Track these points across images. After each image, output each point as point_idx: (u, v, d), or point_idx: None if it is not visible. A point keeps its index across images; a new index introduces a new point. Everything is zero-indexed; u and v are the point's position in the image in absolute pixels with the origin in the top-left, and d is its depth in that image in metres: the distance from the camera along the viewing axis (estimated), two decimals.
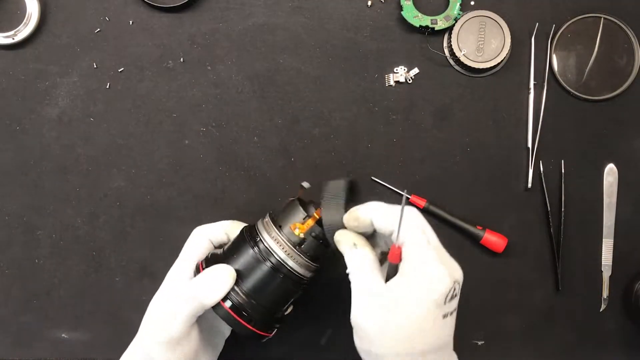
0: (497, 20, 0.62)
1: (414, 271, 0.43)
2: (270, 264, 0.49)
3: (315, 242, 0.50)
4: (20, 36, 0.62)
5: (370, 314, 0.44)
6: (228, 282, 0.48)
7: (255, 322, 0.50)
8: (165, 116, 0.63)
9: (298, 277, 0.50)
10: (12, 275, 0.63)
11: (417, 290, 0.42)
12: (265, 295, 0.50)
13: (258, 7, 0.63)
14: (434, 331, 0.43)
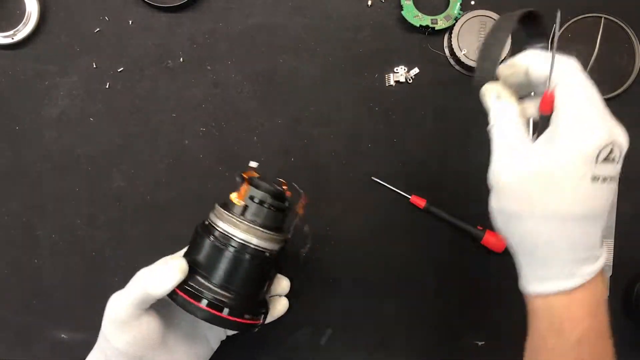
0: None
1: (564, 121, 0.39)
2: (232, 248, 0.47)
3: (260, 208, 0.48)
4: (19, 36, 0.62)
5: (510, 170, 0.40)
6: (176, 275, 0.46)
7: (238, 312, 0.47)
8: (165, 116, 0.63)
9: (262, 252, 0.49)
10: (12, 275, 0.63)
11: (564, 140, 0.39)
12: (238, 281, 0.48)
13: (258, 7, 0.63)
14: (577, 193, 0.39)
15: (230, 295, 0.47)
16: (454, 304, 0.64)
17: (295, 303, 0.64)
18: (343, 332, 0.64)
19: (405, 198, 0.63)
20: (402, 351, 0.65)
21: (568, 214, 0.39)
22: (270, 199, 0.49)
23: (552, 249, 0.40)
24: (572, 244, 0.40)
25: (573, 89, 0.41)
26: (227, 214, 0.48)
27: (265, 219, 0.49)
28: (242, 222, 0.48)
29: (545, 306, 0.42)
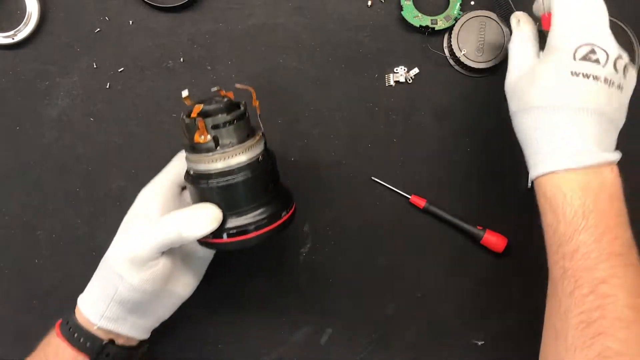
0: (497, 20, 0.62)
1: (551, 29, 0.47)
2: (234, 177, 0.47)
3: (226, 130, 0.47)
4: (20, 36, 0.62)
5: (511, 76, 0.51)
6: (213, 222, 0.47)
7: (277, 216, 0.49)
8: (165, 116, 0.63)
9: (256, 160, 0.48)
10: (12, 275, 0.63)
11: (549, 42, 0.47)
12: (257, 195, 0.48)
13: (258, 7, 0.63)
14: (556, 84, 0.45)
15: (262, 209, 0.48)
16: (454, 304, 0.64)
17: (296, 303, 0.64)
18: (343, 332, 0.64)
19: (405, 198, 0.63)
20: (402, 351, 0.65)
21: (549, 104, 0.45)
22: (227, 116, 0.47)
23: (543, 136, 0.46)
24: (560, 133, 0.45)
25: (564, 10, 0.47)
26: (206, 155, 0.47)
27: (238, 134, 0.48)
28: (224, 152, 0.47)
29: (539, 189, 0.48)
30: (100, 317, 0.50)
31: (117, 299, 0.49)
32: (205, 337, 0.64)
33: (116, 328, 0.50)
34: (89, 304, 0.50)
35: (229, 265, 0.64)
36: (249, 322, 0.64)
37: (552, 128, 0.46)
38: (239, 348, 0.64)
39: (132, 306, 0.50)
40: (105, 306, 0.49)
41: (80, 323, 0.50)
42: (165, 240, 0.48)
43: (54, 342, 0.50)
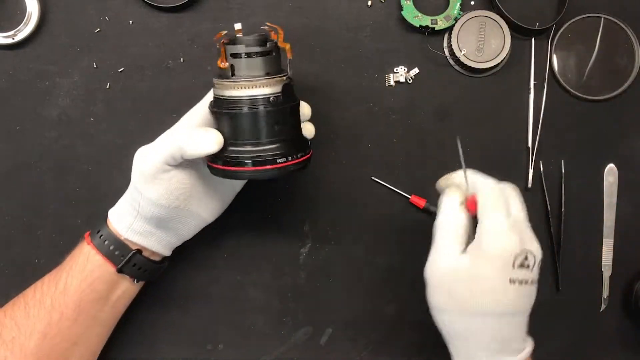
0: (497, 20, 0.62)
1: (485, 232, 0.46)
2: (241, 108, 0.49)
3: (242, 61, 0.49)
4: (20, 36, 0.62)
5: (438, 266, 0.48)
6: (213, 144, 0.49)
7: (293, 154, 0.50)
8: (165, 116, 0.63)
9: (266, 98, 0.49)
10: (12, 275, 0.63)
11: (486, 248, 0.46)
12: (250, 133, 0.49)
13: (258, 7, 0.63)
14: (496, 294, 0.46)
15: (265, 147, 0.49)
16: None
17: (296, 303, 0.64)
18: (343, 332, 0.64)
19: (405, 198, 0.63)
20: (402, 351, 0.65)
21: (488, 312, 0.46)
22: (247, 48, 0.49)
23: (474, 341, 0.47)
24: (492, 338, 0.46)
25: (495, 202, 0.48)
26: (219, 81, 0.50)
27: (256, 68, 0.49)
28: (236, 81, 0.49)
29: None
30: (128, 229, 0.53)
31: (141, 214, 0.52)
32: (205, 337, 0.64)
33: (142, 241, 0.53)
34: (118, 216, 0.54)
35: (229, 265, 0.64)
36: (249, 322, 0.64)
37: (490, 335, 0.47)
38: (239, 348, 0.64)
39: (156, 222, 0.53)
40: (133, 219, 0.53)
41: (113, 232, 0.53)
42: (166, 153, 0.49)
43: (84, 251, 0.54)
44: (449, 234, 0.48)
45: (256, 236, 0.64)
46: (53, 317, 0.52)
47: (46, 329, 0.52)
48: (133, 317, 0.62)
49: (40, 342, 0.52)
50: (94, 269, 0.53)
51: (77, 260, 0.54)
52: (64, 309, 0.53)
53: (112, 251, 0.53)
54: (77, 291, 0.53)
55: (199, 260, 0.63)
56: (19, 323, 0.52)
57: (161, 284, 0.63)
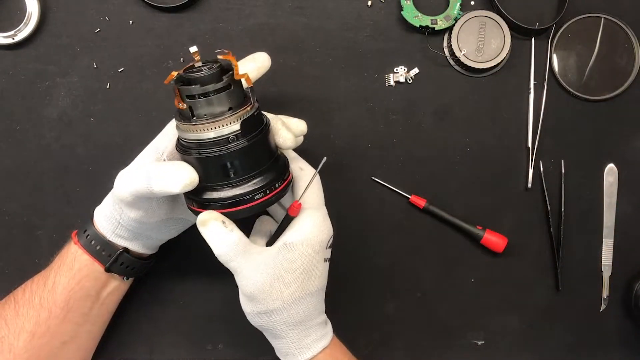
0: (497, 20, 0.62)
1: (310, 223, 0.50)
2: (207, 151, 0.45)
3: (200, 102, 0.45)
4: (20, 36, 0.62)
5: (255, 278, 0.49)
6: (185, 181, 0.45)
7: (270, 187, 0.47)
8: (165, 116, 0.63)
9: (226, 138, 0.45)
10: (12, 275, 0.63)
11: (308, 237, 0.49)
12: (244, 168, 0.46)
13: (258, 7, 0.63)
14: (319, 272, 0.51)
15: (253, 181, 0.47)
16: (454, 304, 0.64)
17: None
18: (343, 332, 0.64)
19: (405, 198, 0.63)
20: (402, 351, 0.65)
21: (313, 290, 0.50)
22: (202, 88, 0.45)
23: (294, 325, 0.50)
24: (310, 314, 0.51)
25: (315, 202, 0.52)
26: (179, 123, 0.46)
27: (215, 107, 0.45)
28: (195, 124, 0.45)
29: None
30: (112, 233, 0.53)
31: (123, 225, 0.52)
32: (205, 337, 0.64)
33: (127, 244, 0.54)
34: (104, 218, 0.53)
35: None
36: (249, 322, 0.64)
37: (309, 311, 0.51)
38: (239, 348, 0.64)
39: (138, 231, 0.53)
40: (115, 225, 0.53)
41: (99, 232, 0.53)
42: (138, 190, 0.47)
43: (71, 250, 0.54)
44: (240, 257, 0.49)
45: None
46: (41, 315, 0.52)
47: (35, 327, 0.52)
48: (133, 317, 0.62)
49: (29, 341, 0.52)
50: (82, 268, 0.53)
51: (65, 259, 0.54)
52: (52, 307, 0.53)
53: (99, 251, 0.53)
54: (65, 289, 0.53)
55: (199, 260, 0.63)
56: (9, 322, 0.53)
57: (161, 284, 0.63)
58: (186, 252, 0.62)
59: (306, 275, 0.49)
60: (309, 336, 0.51)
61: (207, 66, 0.47)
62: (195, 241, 0.59)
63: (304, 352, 0.51)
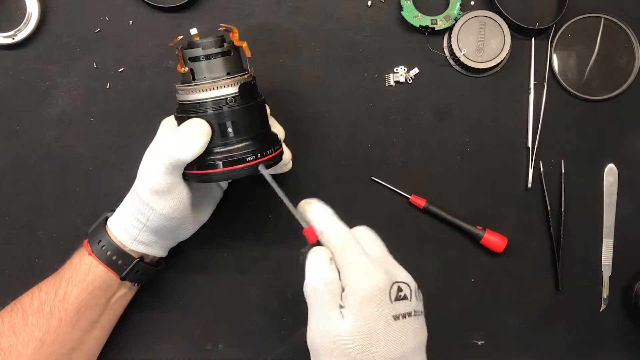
0: (497, 20, 0.62)
1: (348, 280, 0.44)
2: (205, 110, 0.49)
3: (200, 64, 0.49)
4: (20, 36, 0.62)
5: (324, 333, 0.43)
6: (202, 139, 0.48)
7: (262, 152, 0.50)
8: (165, 116, 0.63)
9: (225, 99, 0.49)
10: (12, 275, 0.64)
11: (355, 292, 0.43)
12: (238, 130, 0.49)
13: (258, 7, 0.63)
14: (385, 334, 0.42)
15: (246, 143, 0.49)
16: (454, 304, 0.64)
17: (296, 303, 0.64)
18: None
19: (405, 198, 0.63)
20: None
21: (390, 357, 0.42)
22: (203, 50, 0.49)
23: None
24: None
25: (348, 250, 0.45)
26: (181, 86, 0.50)
27: (214, 70, 0.49)
28: (196, 85, 0.49)
29: None
30: (133, 241, 0.53)
31: (149, 226, 0.52)
32: (205, 337, 0.64)
33: (146, 250, 0.54)
34: (122, 229, 0.54)
35: (229, 265, 0.64)
36: (249, 322, 0.64)
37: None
38: (239, 348, 0.64)
39: (163, 232, 0.54)
40: (138, 231, 0.53)
41: (115, 243, 0.54)
42: (168, 166, 0.49)
43: (85, 260, 0.54)
44: (325, 298, 0.44)
45: (256, 236, 0.64)
46: (52, 323, 0.52)
47: (44, 336, 0.52)
48: (133, 318, 0.62)
49: (38, 349, 0.52)
50: (96, 279, 0.53)
51: (78, 270, 0.54)
52: (62, 316, 0.53)
53: (115, 261, 0.53)
54: (77, 299, 0.53)
55: (199, 260, 0.63)
56: (17, 331, 0.52)
57: (161, 284, 0.63)
58: (186, 252, 0.62)
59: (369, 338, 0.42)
60: None
61: (209, 38, 0.51)
62: (196, 241, 0.59)
63: None
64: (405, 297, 0.44)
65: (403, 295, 0.44)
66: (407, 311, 0.43)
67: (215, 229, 0.59)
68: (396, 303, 0.43)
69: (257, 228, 0.64)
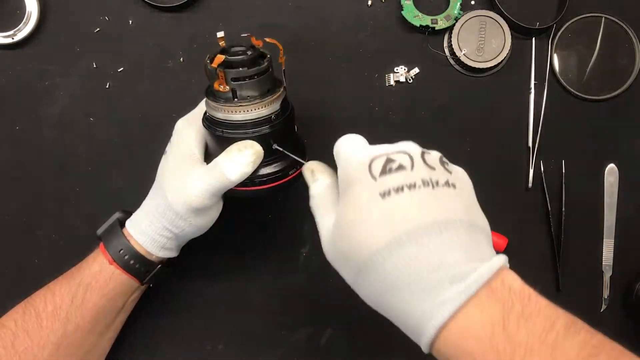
0: (498, 20, 0.62)
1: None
2: (246, 130, 0.48)
3: (245, 84, 0.47)
4: (19, 36, 0.61)
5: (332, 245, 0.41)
6: (257, 162, 0.48)
7: (290, 169, 0.50)
8: (165, 116, 0.63)
9: (268, 117, 0.49)
10: (11, 275, 0.63)
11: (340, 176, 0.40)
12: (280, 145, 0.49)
13: (258, 7, 0.63)
14: (370, 216, 0.36)
15: (275, 164, 0.50)
16: None
17: (295, 303, 0.64)
18: (343, 332, 0.64)
19: None
20: (402, 351, 0.65)
21: (386, 243, 0.35)
22: (249, 70, 0.47)
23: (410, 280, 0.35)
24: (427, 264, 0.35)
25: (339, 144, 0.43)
26: (224, 104, 0.48)
27: (259, 88, 0.49)
28: (241, 105, 0.48)
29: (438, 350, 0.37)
30: (160, 248, 0.53)
31: (181, 236, 0.52)
32: (205, 337, 0.64)
33: (169, 254, 0.54)
34: (148, 236, 0.53)
35: (229, 265, 0.64)
36: (249, 322, 0.64)
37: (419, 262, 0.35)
38: (239, 348, 0.64)
39: (191, 238, 0.54)
40: (166, 240, 0.53)
41: (139, 251, 0.53)
42: (216, 187, 0.49)
43: (106, 269, 0.53)
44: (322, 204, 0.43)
45: (256, 236, 0.64)
46: (68, 328, 0.52)
47: (60, 339, 0.52)
48: (133, 318, 0.62)
49: (54, 353, 0.52)
50: (117, 286, 0.53)
51: (98, 278, 0.53)
52: (80, 322, 0.52)
53: (138, 268, 0.53)
54: (95, 306, 0.53)
55: (199, 261, 0.63)
56: (32, 334, 0.52)
57: (161, 284, 0.63)
58: (186, 253, 0.62)
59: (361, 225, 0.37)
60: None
61: (240, 50, 0.49)
62: (196, 242, 0.59)
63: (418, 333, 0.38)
64: (401, 167, 0.37)
65: (396, 166, 0.37)
66: (401, 184, 0.36)
67: (215, 229, 0.59)
68: (383, 178, 0.36)
69: (257, 228, 0.64)
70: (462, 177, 0.41)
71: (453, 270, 0.35)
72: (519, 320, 0.33)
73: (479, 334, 0.33)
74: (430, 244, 0.35)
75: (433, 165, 0.38)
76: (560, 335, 0.33)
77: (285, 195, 0.64)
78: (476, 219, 0.38)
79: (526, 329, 0.33)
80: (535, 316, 0.34)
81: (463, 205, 0.37)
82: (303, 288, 0.64)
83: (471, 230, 0.36)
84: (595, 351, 0.34)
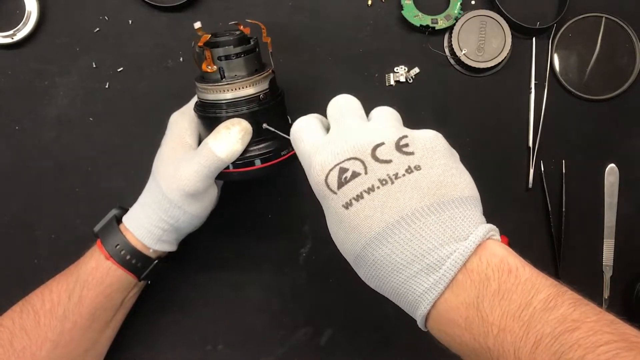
0: (498, 20, 0.61)
1: None
2: (233, 110, 0.49)
3: (231, 62, 0.49)
4: (19, 35, 0.61)
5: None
6: (246, 138, 0.49)
7: (280, 150, 0.51)
8: (165, 116, 0.63)
9: (257, 97, 0.49)
10: (11, 276, 0.63)
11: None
12: (271, 126, 0.50)
13: (258, 6, 0.63)
14: (342, 229, 0.38)
15: (266, 143, 0.50)
16: None
17: (296, 303, 0.64)
18: (343, 332, 0.64)
19: None
20: (402, 351, 0.65)
21: (367, 245, 0.37)
22: (235, 49, 0.49)
23: (391, 277, 0.36)
24: (402, 259, 0.36)
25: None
26: (213, 85, 0.49)
27: (246, 67, 0.49)
28: (231, 83, 0.49)
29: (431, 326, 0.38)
30: (157, 241, 0.53)
31: (176, 226, 0.52)
32: (205, 337, 0.64)
33: (167, 248, 0.54)
34: (144, 229, 0.53)
35: (229, 265, 0.64)
36: (249, 322, 0.64)
37: (387, 263, 0.36)
38: (239, 348, 0.64)
39: (186, 229, 0.54)
40: (163, 232, 0.53)
41: (135, 246, 0.53)
42: (209, 167, 0.49)
43: (102, 264, 0.53)
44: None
45: (256, 236, 0.64)
46: (66, 326, 0.52)
47: (58, 337, 0.52)
48: (132, 318, 0.62)
49: (52, 351, 0.52)
50: (114, 282, 0.53)
51: (95, 274, 0.53)
52: (77, 319, 0.52)
53: (135, 264, 0.53)
54: (93, 302, 0.53)
55: (199, 261, 0.63)
56: (30, 332, 0.52)
57: (161, 284, 0.63)
58: (186, 252, 0.62)
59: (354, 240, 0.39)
60: None
61: (227, 33, 0.50)
62: (196, 241, 0.59)
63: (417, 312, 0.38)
64: (355, 174, 0.37)
65: (350, 175, 0.37)
66: (359, 191, 0.37)
67: (215, 229, 0.59)
68: (342, 190, 0.37)
69: (257, 228, 0.64)
70: (429, 148, 0.40)
71: (427, 259, 0.35)
72: (494, 299, 0.34)
73: (455, 318, 0.35)
74: (400, 239, 0.36)
75: (388, 157, 0.38)
76: (537, 311, 0.33)
77: (285, 195, 0.64)
78: (451, 191, 0.37)
79: (500, 307, 0.33)
80: (512, 292, 0.34)
81: (431, 186, 0.37)
82: (303, 288, 0.64)
83: (443, 209, 0.36)
84: (575, 325, 0.33)
